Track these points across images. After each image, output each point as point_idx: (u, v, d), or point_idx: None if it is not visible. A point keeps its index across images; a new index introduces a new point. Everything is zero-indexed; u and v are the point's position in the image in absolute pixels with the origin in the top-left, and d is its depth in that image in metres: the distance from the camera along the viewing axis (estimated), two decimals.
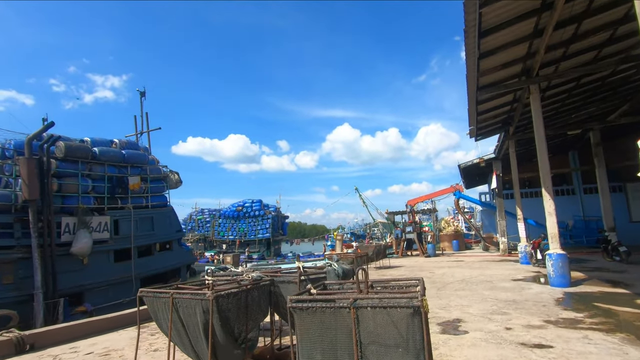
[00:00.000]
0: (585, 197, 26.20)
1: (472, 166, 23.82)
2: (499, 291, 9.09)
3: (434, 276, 12.70)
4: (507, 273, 12.66)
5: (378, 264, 17.37)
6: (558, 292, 8.60)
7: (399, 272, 14.40)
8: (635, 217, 24.28)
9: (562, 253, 9.35)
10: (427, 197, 24.17)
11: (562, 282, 9.19)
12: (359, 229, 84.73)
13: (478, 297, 8.39)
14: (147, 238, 12.42)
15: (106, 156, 11.31)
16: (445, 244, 28.86)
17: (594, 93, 14.19)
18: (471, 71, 9.73)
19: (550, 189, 9.78)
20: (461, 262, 17.92)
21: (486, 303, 7.71)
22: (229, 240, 34.36)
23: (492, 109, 13.42)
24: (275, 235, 35.03)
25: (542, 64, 10.51)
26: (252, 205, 35.39)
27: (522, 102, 12.60)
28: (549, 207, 9.74)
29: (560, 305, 7.21)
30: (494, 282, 10.58)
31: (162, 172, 13.65)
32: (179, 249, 14.13)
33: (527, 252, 14.93)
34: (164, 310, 3.78)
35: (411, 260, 20.27)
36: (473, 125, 14.58)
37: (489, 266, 15.26)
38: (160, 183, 13.53)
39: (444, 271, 14.07)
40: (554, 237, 9.67)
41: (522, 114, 14.35)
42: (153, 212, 12.85)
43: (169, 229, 13.52)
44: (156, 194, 13.28)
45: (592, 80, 12.86)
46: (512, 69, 10.49)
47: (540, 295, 8.29)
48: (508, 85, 10.66)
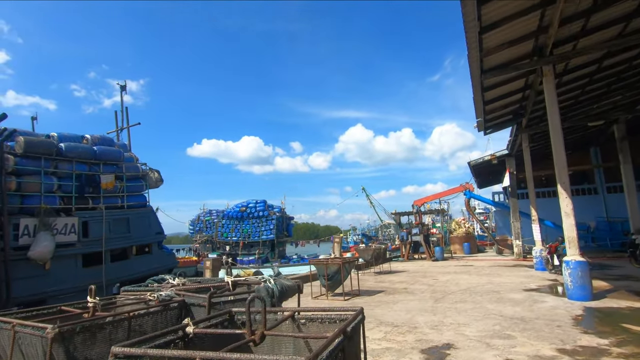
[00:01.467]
0: (609, 196, 24.19)
1: (483, 164, 22.24)
2: (506, 305, 7.77)
3: (437, 284, 11.40)
4: (519, 281, 11.24)
5: (379, 268, 16.13)
6: (577, 307, 7.23)
7: (399, 278, 13.13)
8: None
9: (582, 260, 7.95)
10: (434, 196, 22.72)
11: (581, 295, 7.79)
12: (370, 230, 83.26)
13: (480, 313, 7.11)
14: (122, 241, 11.56)
15: (74, 152, 10.47)
16: (455, 246, 27.27)
17: (618, 78, 12.59)
18: (473, 49, 8.44)
19: (567, 185, 8.39)
20: (470, 267, 16.48)
21: (488, 321, 6.44)
22: (232, 241, 33.57)
23: (501, 97, 12.02)
24: (279, 236, 34.06)
25: (557, 42, 9.12)
26: (256, 205, 34.51)
27: (535, 88, 11.18)
28: (565, 207, 8.35)
29: (578, 326, 5.87)
30: (502, 293, 9.23)
31: (140, 170, 12.81)
32: (160, 252, 13.23)
33: (542, 257, 13.43)
34: (6, 343, 2.75)
35: (417, 264, 18.90)
36: (480, 117, 13.18)
37: (500, 272, 13.81)
38: (138, 182, 12.66)
39: (448, 278, 12.74)
40: (572, 242, 8.27)
41: (536, 104, 12.87)
42: (129, 212, 11.99)
43: (148, 230, 12.64)
44: (133, 194, 12.42)
45: (616, 63, 11.31)
46: (521, 47, 9.13)
47: (555, 312, 6.95)
48: (518, 66, 9.30)
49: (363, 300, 8.99)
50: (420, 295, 9.36)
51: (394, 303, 8.47)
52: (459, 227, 27.83)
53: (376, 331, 6.06)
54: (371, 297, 9.51)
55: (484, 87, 10.76)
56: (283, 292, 3.51)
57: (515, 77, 10.71)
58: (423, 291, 10.03)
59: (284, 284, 3.58)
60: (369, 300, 9.03)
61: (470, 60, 8.84)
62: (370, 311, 7.64)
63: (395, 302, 8.63)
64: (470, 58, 8.79)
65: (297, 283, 3.73)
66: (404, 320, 6.72)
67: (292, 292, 3.67)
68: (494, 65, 9.63)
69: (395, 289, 10.73)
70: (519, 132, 15.01)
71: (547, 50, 8.83)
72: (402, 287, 11.03)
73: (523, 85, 11.53)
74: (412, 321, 6.65)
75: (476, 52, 8.57)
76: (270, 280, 3.54)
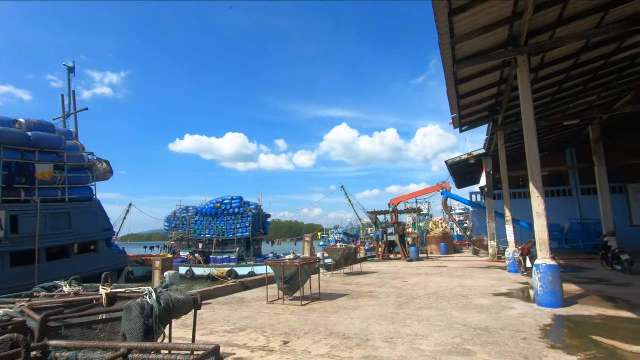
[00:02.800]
0: (583, 198, 24.32)
1: (460, 163, 21.89)
2: (471, 312, 7.16)
3: (405, 286, 10.77)
4: (490, 284, 10.73)
5: (349, 269, 15.45)
6: (546, 316, 6.67)
7: (368, 280, 12.46)
8: (636, 221, 22.41)
9: (552, 264, 7.42)
10: (411, 195, 22.24)
11: (551, 301, 7.26)
12: (352, 229, 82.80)
13: (443, 321, 6.45)
14: (61, 237, 10.41)
15: (2, 137, 9.25)
16: (432, 246, 26.99)
17: (595, 76, 12.25)
18: (443, 35, 7.78)
19: (539, 184, 7.85)
20: (443, 268, 16.00)
21: (449, 332, 5.77)
22: (205, 239, 32.31)
23: (476, 91, 11.48)
24: (255, 234, 33.02)
25: (533, 31, 8.58)
26: (231, 202, 33.32)
27: (510, 82, 10.67)
28: (537, 207, 7.81)
29: (546, 339, 5.27)
30: (470, 298, 8.65)
31: (86, 160, 11.63)
32: (108, 250, 12.08)
33: (515, 258, 13.02)
34: None
35: (390, 264, 18.33)
36: (455, 113, 12.64)
37: (472, 274, 13.34)
38: (83, 173, 11.48)
39: (418, 280, 12.15)
40: (543, 244, 7.74)
41: (511, 100, 12.41)
42: (71, 206, 10.84)
43: (94, 226, 11.48)
44: (77, 186, 11.24)
45: (593, 58, 10.92)
46: (495, 36, 8.55)
47: (522, 320, 6.36)
48: (491, 56, 8.71)
49: (321, 306, 8.24)
50: (384, 300, 8.68)
51: (354, 309, 7.75)
52: (436, 227, 27.53)
53: (322, 344, 5.30)
54: (331, 301, 8.77)
55: (458, 79, 10.18)
56: (168, 309, 2.68)
57: (490, 68, 10.16)
58: (388, 295, 9.37)
59: (173, 298, 2.76)
60: (327, 305, 8.28)
61: (442, 47, 8.20)
62: (325, 319, 6.90)
63: (355, 307, 7.92)
64: (441, 45, 8.14)
65: (193, 297, 2.91)
66: (357, 331, 5.99)
67: (184, 309, 2.85)
68: (467, 54, 9.03)
69: (360, 292, 10.04)
70: (494, 129, 14.58)
71: (521, 40, 8.27)
72: (368, 290, 10.34)
73: (498, 79, 11.01)
74: (367, 332, 5.92)
75: (447, 38, 7.93)
76: (153, 293, 2.70)
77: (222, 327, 6.58)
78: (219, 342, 5.62)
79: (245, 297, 9.96)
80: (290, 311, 7.77)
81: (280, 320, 6.91)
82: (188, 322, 7.04)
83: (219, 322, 6.94)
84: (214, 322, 6.96)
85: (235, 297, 9.89)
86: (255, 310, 8.04)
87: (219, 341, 5.65)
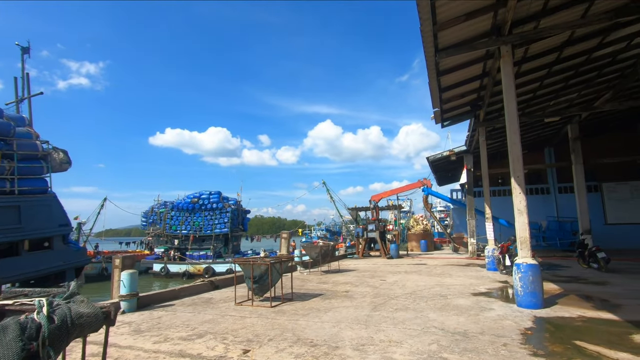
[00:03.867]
0: (560, 196, 24.66)
1: (442, 159, 21.76)
2: (450, 313, 6.77)
3: (382, 285, 10.37)
4: (469, 283, 10.46)
5: (327, 266, 14.98)
6: (526, 318, 6.35)
7: (345, 278, 12.01)
8: (610, 219, 22.87)
9: (533, 264, 7.11)
10: (392, 192, 21.94)
11: (532, 302, 6.96)
12: (334, 226, 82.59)
13: (419, 325, 6.03)
14: (9, 233, 9.47)
15: None
16: (413, 243, 26.90)
17: (576, 72, 12.12)
18: (425, 21, 7.32)
19: (521, 180, 7.53)
20: (423, 265, 15.75)
21: (425, 337, 5.34)
22: (181, 235, 31.17)
23: (458, 84, 11.13)
24: (234, 230, 32.11)
25: (517, 20, 8.24)
26: (209, 197, 32.24)
27: (493, 76, 10.36)
28: (519, 204, 7.49)
29: (527, 345, 4.90)
30: (449, 298, 8.29)
31: (40, 149, 10.66)
32: (65, 247, 11.14)
33: (494, 256, 12.84)
34: None
35: (370, 262, 17.98)
36: (437, 107, 12.29)
37: (451, 272, 13.09)
38: (37, 163, 10.51)
39: (397, 278, 11.78)
40: (524, 242, 7.43)
41: (493, 95, 12.16)
42: (22, 199, 9.90)
43: (48, 222, 10.54)
44: (28, 177, 10.27)
45: (576, 53, 10.74)
46: (479, 24, 8.16)
47: (502, 323, 6.00)
48: (474, 46, 8.32)
49: (292, 307, 7.70)
50: (359, 301, 8.22)
51: (326, 311, 7.25)
52: (417, 224, 27.44)
53: (286, 354, 4.77)
54: (304, 302, 8.24)
55: (440, 71, 9.78)
56: (65, 327, 2.07)
57: (473, 60, 9.81)
58: (365, 295, 8.92)
59: (73, 313, 2.14)
60: (299, 307, 7.75)
61: (424, 34, 7.73)
62: (294, 323, 6.36)
63: (328, 309, 7.42)
64: (423, 32, 7.68)
65: (104, 309, 2.30)
66: (327, 337, 5.49)
67: (91, 326, 2.24)
68: (450, 43, 8.62)
69: (336, 292, 9.56)
70: (476, 126, 14.35)
71: (505, 29, 7.91)
72: (344, 289, 9.88)
73: (481, 71, 10.69)
74: (337, 338, 5.42)
75: (429, 25, 7.48)
76: (44, 307, 2.08)
77: (178, 333, 5.95)
78: (170, 351, 5.01)
79: (214, 297, 9.32)
80: (258, 314, 7.20)
81: (245, 325, 6.34)
82: (143, 327, 6.40)
83: (177, 327, 6.30)
84: (171, 327, 6.31)
85: (203, 298, 9.24)
86: (221, 312, 7.43)
87: (171, 351, 5.03)
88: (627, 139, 22.65)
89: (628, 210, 22.58)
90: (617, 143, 22.85)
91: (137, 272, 7.91)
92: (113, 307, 2.39)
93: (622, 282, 9.97)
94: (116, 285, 8.33)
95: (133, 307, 7.77)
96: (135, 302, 7.84)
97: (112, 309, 2.37)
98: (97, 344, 5.36)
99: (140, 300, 8.06)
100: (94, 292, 22.22)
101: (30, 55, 13.62)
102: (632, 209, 22.50)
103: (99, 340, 5.57)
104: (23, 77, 13.42)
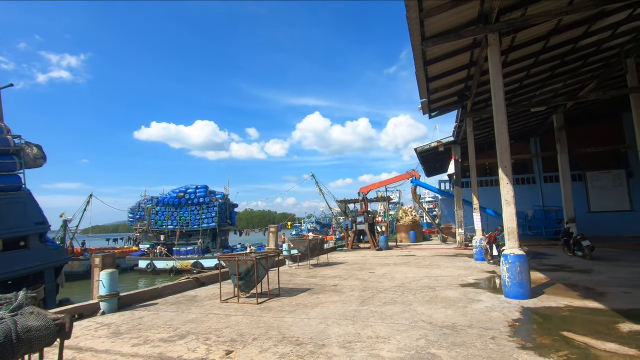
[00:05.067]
0: (545, 185, 25.04)
1: (430, 150, 21.75)
2: (438, 306, 6.71)
3: (371, 278, 10.29)
4: (457, 274, 10.46)
5: (316, 260, 14.87)
6: (514, 309, 6.32)
7: (334, 272, 11.91)
8: (594, 207, 23.33)
9: (521, 254, 7.09)
10: (380, 184, 21.89)
11: (519, 293, 6.95)
12: (324, 218, 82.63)
13: (407, 319, 5.93)
14: None
15: None
16: (402, 234, 26.98)
17: (562, 62, 12.11)
18: (411, 8, 7.11)
19: (509, 170, 7.47)
20: (412, 257, 15.78)
21: (414, 332, 5.24)
22: (167, 230, 30.67)
23: (446, 74, 10.99)
24: (222, 224, 31.76)
25: (504, 8, 8.10)
26: (196, 191, 31.74)
27: (480, 65, 10.23)
28: (506, 194, 7.43)
29: (515, 337, 4.84)
30: (437, 290, 8.25)
31: (11, 144, 10.14)
32: (42, 246, 10.70)
33: (482, 246, 12.90)
34: None
35: (359, 254, 17.95)
36: (425, 98, 12.16)
37: (440, 263, 13.13)
38: (8, 159, 10.00)
39: (386, 271, 11.73)
40: (511, 233, 7.39)
41: (481, 85, 12.08)
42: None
43: (23, 220, 10.08)
44: (0, 173, 9.79)
45: (562, 43, 10.70)
46: (466, 12, 7.98)
47: (490, 315, 5.96)
48: (461, 34, 8.16)
49: (279, 304, 7.54)
50: (347, 295, 8.11)
51: (314, 307, 7.11)
52: (405, 215, 27.54)
53: (270, 354, 4.60)
54: (291, 298, 8.09)
55: (427, 60, 9.61)
56: (9, 344, 1.83)
57: (460, 49, 9.67)
58: (353, 289, 8.82)
59: (20, 327, 1.91)
60: (286, 303, 7.59)
61: (410, 21, 7.52)
62: (280, 320, 6.21)
63: (315, 304, 7.28)
64: (409, 19, 7.47)
65: (57, 322, 2.07)
66: (313, 334, 5.34)
67: (42, 340, 2.01)
68: (437, 32, 8.43)
69: (324, 286, 9.44)
70: (464, 116, 14.29)
71: (492, 17, 7.77)
72: (333, 283, 9.77)
73: (468, 61, 10.56)
74: (323, 335, 5.28)
75: (415, 12, 7.27)
76: None
77: (159, 334, 5.72)
78: (149, 354, 4.79)
79: (199, 295, 9.10)
80: (243, 311, 7.02)
81: (229, 324, 6.15)
82: (122, 329, 6.15)
83: (159, 328, 6.07)
84: (152, 328, 6.08)
85: (187, 296, 9.01)
86: (205, 311, 7.22)
87: (150, 353, 4.81)
88: (611, 128, 23.04)
89: (611, 198, 23.07)
90: (600, 132, 23.24)
91: (117, 272, 7.61)
92: (68, 319, 2.16)
93: (606, 269, 10.11)
94: (96, 285, 8.03)
95: (113, 307, 7.50)
96: (116, 303, 7.56)
97: (66, 321, 2.14)
98: (72, 349, 5.11)
99: (121, 300, 7.79)
100: (80, 291, 21.69)
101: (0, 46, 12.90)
102: (614, 197, 23.00)
103: (74, 344, 5.32)
104: None
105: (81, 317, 7.08)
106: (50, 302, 10.86)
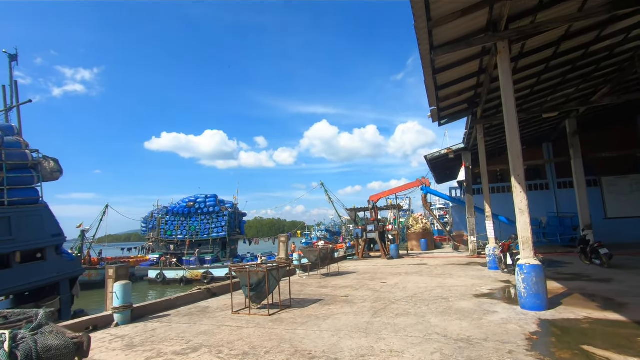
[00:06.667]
0: (560, 192, 24.55)
1: (440, 158, 21.59)
2: (452, 318, 6.59)
3: (383, 288, 10.18)
4: (471, 284, 10.28)
5: (327, 269, 14.78)
6: (531, 321, 6.17)
7: (345, 282, 11.82)
8: (610, 214, 22.75)
9: (536, 264, 6.94)
10: (390, 192, 21.77)
11: (536, 304, 6.79)
12: (334, 226, 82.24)
13: (421, 331, 5.84)
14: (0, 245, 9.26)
15: None
16: (413, 242, 26.72)
17: (574, 67, 11.97)
18: (419, 18, 7.14)
19: (522, 178, 7.36)
20: (424, 266, 15.58)
21: (428, 345, 5.15)
22: (177, 240, 30.92)
23: (455, 82, 10.96)
24: (232, 234, 31.90)
25: (514, 16, 8.07)
26: (205, 200, 32.02)
27: (490, 72, 10.18)
28: (520, 203, 7.32)
29: (534, 352, 4.72)
30: (451, 301, 8.11)
31: (30, 158, 10.42)
32: (58, 258, 10.90)
33: (495, 255, 12.67)
34: None
35: (370, 263, 17.80)
36: (434, 106, 12.11)
37: (453, 272, 12.92)
38: (27, 173, 10.28)
39: (397, 280, 11.60)
40: (526, 242, 7.25)
41: (491, 92, 11.99)
42: (12, 210, 9.66)
43: (40, 232, 10.30)
44: (19, 187, 10.05)
45: (573, 48, 10.59)
46: (475, 20, 7.98)
47: (506, 328, 5.82)
48: (471, 42, 8.15)
49: (290, 315, 7.50)
50: (359, 306, 8.03)
51: (325, 318, 7.05)
52: (416, 223, 27.28)
53: None
54: (303, 309, 8.04)
55: (436, 68, 9.60)
56: None
57: (469, 57, 9.64)
58: (365, 299, 8.73)
59: (40, 346, 1.94)
60: (298, 314, 7.55)
61: (418, 31, 7.55)
62: (292, 332, 6.17)
63: (327, 316, 7.23)
64: (417, 29, 7.50)
65: (76, 341, 2.10)
66: (326, 347, 5.29)
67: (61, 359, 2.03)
68: (446, 40, 8.44)
69: (335, 296, 9.36)
70: (474, 123, 14.18)
71: (502, 24, 7.75)
72: (344, 294, 9.68)
73: (477, 68, 10.52)
74: (336, 348, 5.23)
75: (424, 22, 7.30)
76: (6, 342, 1.88)
77: (173, 346, 5.74)
78: None
79: (211, 306, 9.11)
80: (255, 323, 7.00)
81: (241, 336, 6.14)
82: (136, 341, 6.19)
83: (172, 340, 6.09)
84: (165, 341, 6.11)
85: (199, 307, 9.03)
86: (217, 322, 7.22)
87: None
88: (626, 132, 22.56)
89: (628, 204, 22.48)
90: (615, 137, 22.77)
91: (130, 284, 7.69)
92: (86, 338, 2.19)
93: (626, 278, 9.82)
94: (110, 297, 8.11)
95: (127, 319, 7.56)
96: (129, 314, 7.62)
97: (84, 340, 2.17)
98: None
99: (134, 312, 7.85)
100: (96, 300, 21.95)
101: (18, 62, 13.39)
102: (632, 203, 22.40)
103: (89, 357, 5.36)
104: (11, 85, 13.16)
105: (96, 328, 7.16)
106: (65, 313, 11.02)
